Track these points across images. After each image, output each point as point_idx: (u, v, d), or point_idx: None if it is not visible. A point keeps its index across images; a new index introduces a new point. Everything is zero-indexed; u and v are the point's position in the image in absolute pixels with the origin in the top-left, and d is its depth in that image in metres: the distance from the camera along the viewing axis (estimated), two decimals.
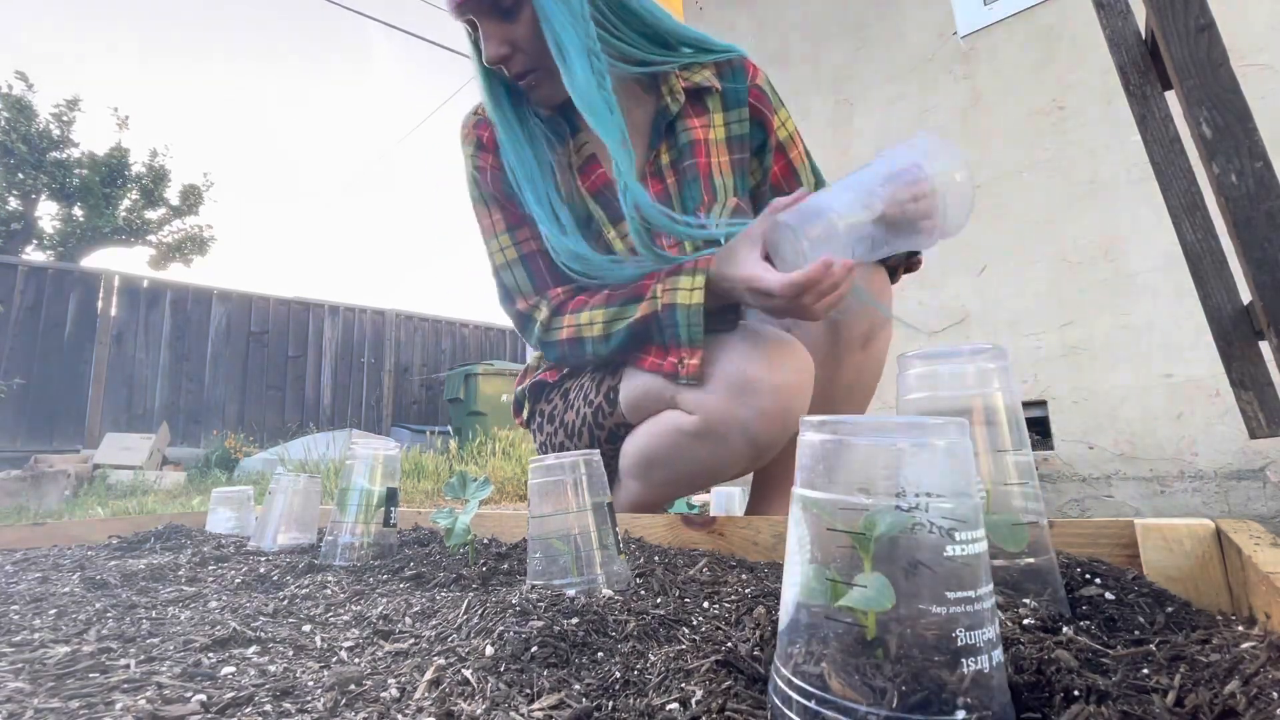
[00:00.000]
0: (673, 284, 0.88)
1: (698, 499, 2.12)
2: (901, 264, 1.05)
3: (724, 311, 0.90)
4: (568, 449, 1.16)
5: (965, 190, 0.77)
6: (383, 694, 0.42)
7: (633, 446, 1.03)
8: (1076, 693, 0.35)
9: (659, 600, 0.62)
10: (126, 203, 9.60)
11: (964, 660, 0.30)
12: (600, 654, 0.48)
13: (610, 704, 0.39)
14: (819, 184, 1.10)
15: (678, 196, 1.02)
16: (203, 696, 0.42)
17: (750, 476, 1.20)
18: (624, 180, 0.91)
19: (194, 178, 12.59)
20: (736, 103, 1.06)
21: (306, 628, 0.60)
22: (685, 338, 0.87)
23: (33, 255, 8.68)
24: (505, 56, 0.94)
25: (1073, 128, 2.03)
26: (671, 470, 1.00)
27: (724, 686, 0.39)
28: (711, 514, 1.01)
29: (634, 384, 1.00)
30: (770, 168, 1.09)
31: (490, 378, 7.03)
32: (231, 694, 0.42)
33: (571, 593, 0.63)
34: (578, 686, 0.42)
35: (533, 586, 0.65)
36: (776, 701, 0.34)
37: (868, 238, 0.77)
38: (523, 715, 0.38)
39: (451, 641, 0.52)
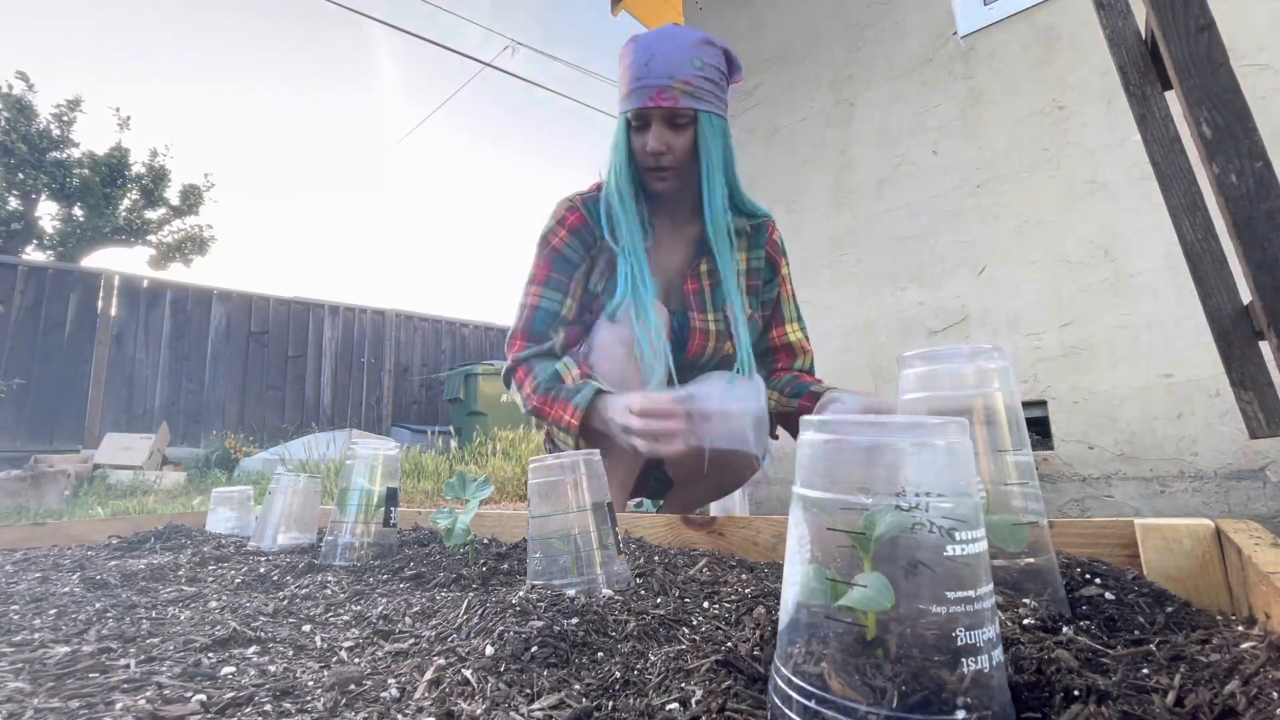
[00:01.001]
0: (560, 411, 1.21)
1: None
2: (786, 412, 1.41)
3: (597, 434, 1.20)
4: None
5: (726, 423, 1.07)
6: (383, 694, 0.42)
7: None
8: (1076, 692, 0.34)
9: (659, 600, 0.62)
10: (126, 203, 9.60)
11: (964, 660, 0.30)
12: (600, 654, 0.48)
13: (610, 704, 0.39)
14: (798, 312, 1.49)
15: (710, 295, 1.36)
16: (203, 696, 0.42)
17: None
18: (724, 274, 1.29)
19: (194, 178, 12.56)
20: (757, 246, 1.41)
21: (306, 628, 0.60)
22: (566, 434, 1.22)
23: (33, 255, 8.68)
24: (661, 153, 1.23)
25: (1073, 128, 2.03)
26: None
27: (724, 686, 0.39)
28: (711, 514, 1.02)
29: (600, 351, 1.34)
30: (772, 298, 1.44)
31: (490, 378, 7.03)
32: (231, 694, 0.42)
33: (571, 593, 0.63)
34: (578, 686, 0.42)
35: (533, 586, 0.65)
36: (776, 701, 0.34)
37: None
38: (523, 715, 0.38)
39: (451, 641, 0.52)
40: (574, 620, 0.52)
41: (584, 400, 1.17)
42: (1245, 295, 0.80)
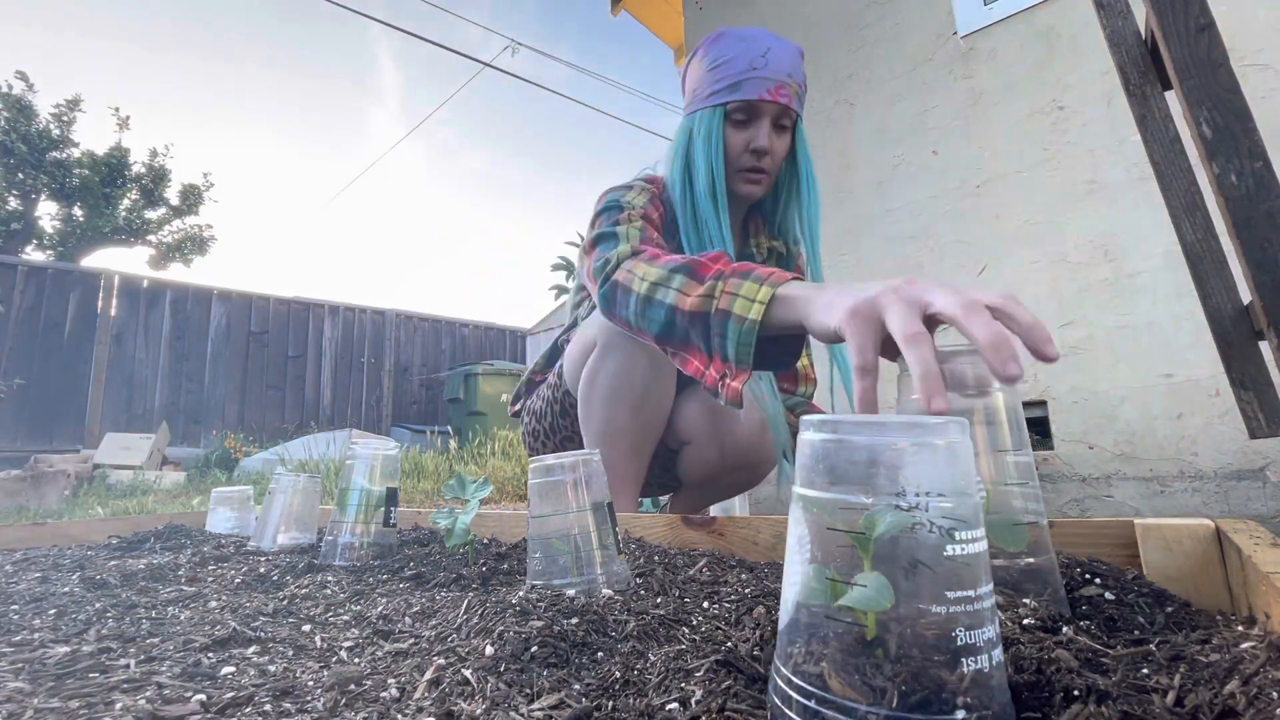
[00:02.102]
0: (735, 288, 0.74)
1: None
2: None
3: (782, 340, 0.74)
4: (538, 433, 1.34)
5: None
6: (383, 694, 0.42)
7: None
8: (1076, 692, 0.34)
9: (659, 600, 0.62)
10: (126, 203, 9.60)
11: (964, 660, 0.30)
12: (600, 654, 0.48)
13: (610, 704, 0.39)
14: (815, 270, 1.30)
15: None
16: (203, 696, 0.42)
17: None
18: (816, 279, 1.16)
19: (194, 178, 12.55)
20: (787, 270, 1.35)
21: (306, 628, 0.60)
22: (734, 355, 0.73)
23: (33, 255, 8.68)
24: (765, 152, 1.15)
25: (1073, 128, 2.03)
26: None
27: (724, 686, 0.39)
28: (711, 514, 1.02)
29: (570, 355, 1.21)
30: None
31: (490, 378, 7.03)
32: (231, 694, 0.42)
33: (571, 593, 0.63)
34: (578, 686, 0.42)
35: (533, 586, 0.65)
36: (776, 701, 0.34)
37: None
38: (523, 715, 0.38)
39: (451, 641, 0.52)
40: (574, 620, 0.52)
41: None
42: (1245, 295, 0.80)
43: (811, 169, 1.21)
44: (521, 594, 0.60)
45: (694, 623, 0.55)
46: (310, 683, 0.45)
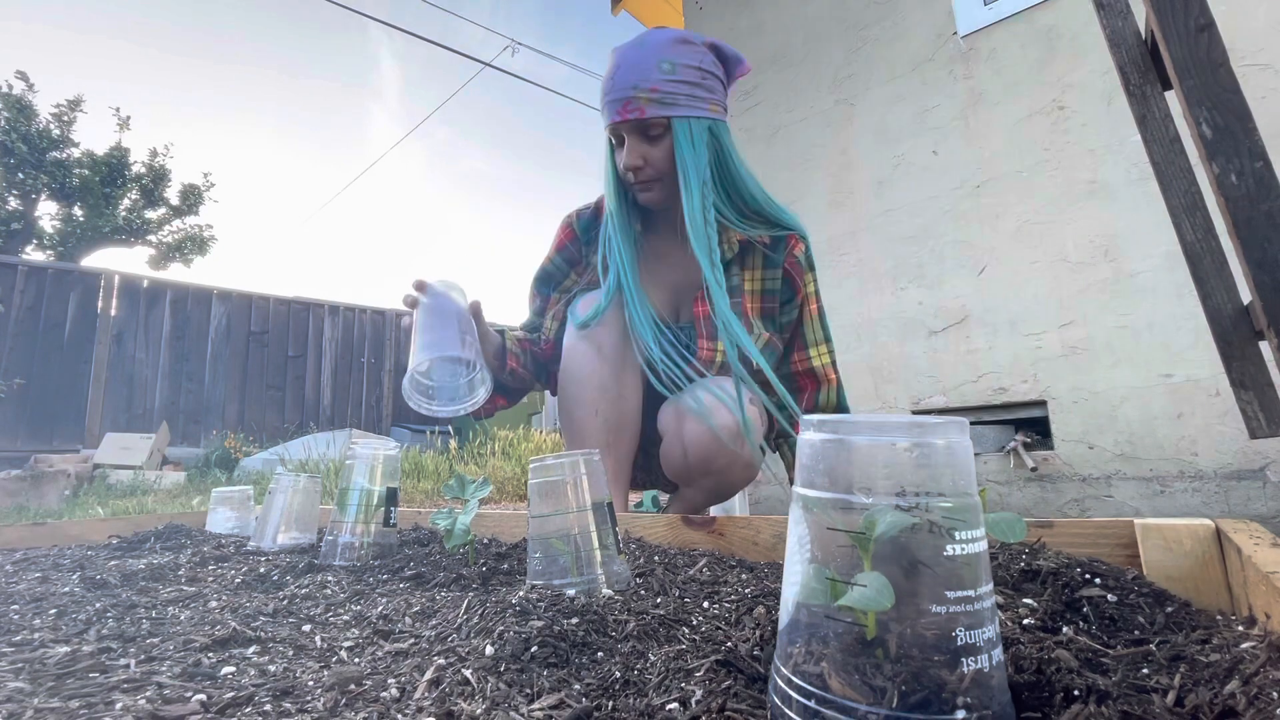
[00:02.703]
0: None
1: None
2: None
3: None
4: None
5: None
6: (383, 694, 0.42)
7: None
8: (1076, 692, 0.35)
9: (659, 600, 0.62)
10: (126, 203, 9.60)
11: (964, 659, 0.30)
12: (600, 654, 0.48)
13: (610, 704, 0.39)
14: (825, 334, 1.32)
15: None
16: (203, 696, 0.42)
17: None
18: (713, 295, 1.13)
19: (194, 178, 12.55)
20: (774, 265, 1.27)
21: (306, 628, 0.60)
22: None
23: (33, 255, 8.68)
24: (638, 168, 1.16)
25: (1073, 128, 2.03)
26: None
27: (724, 686, 0.39)
28: (711, 514, 1.02)
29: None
30: (792, 319, 1.30)
31: None
32: (231, 694, 0.42)
33: (571, 593, 0.63)
34: (578, 686, 0.42)
35: (533, 586, 0.65)
36: (776, 701, 0.34)
37: None
38: (523, 715, 0.38)
39: (451, 641, 0.52)
40: (574, 620, 0.52)
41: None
42: (1245, 295, 0.80)
43: (692, 165, 1.13)
44: (521, 594, 0.60)
45: (694, 623, 0.55)
46: (310, 683, 0.45)
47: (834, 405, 1.30)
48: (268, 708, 0.41)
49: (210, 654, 0.52)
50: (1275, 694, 0.33)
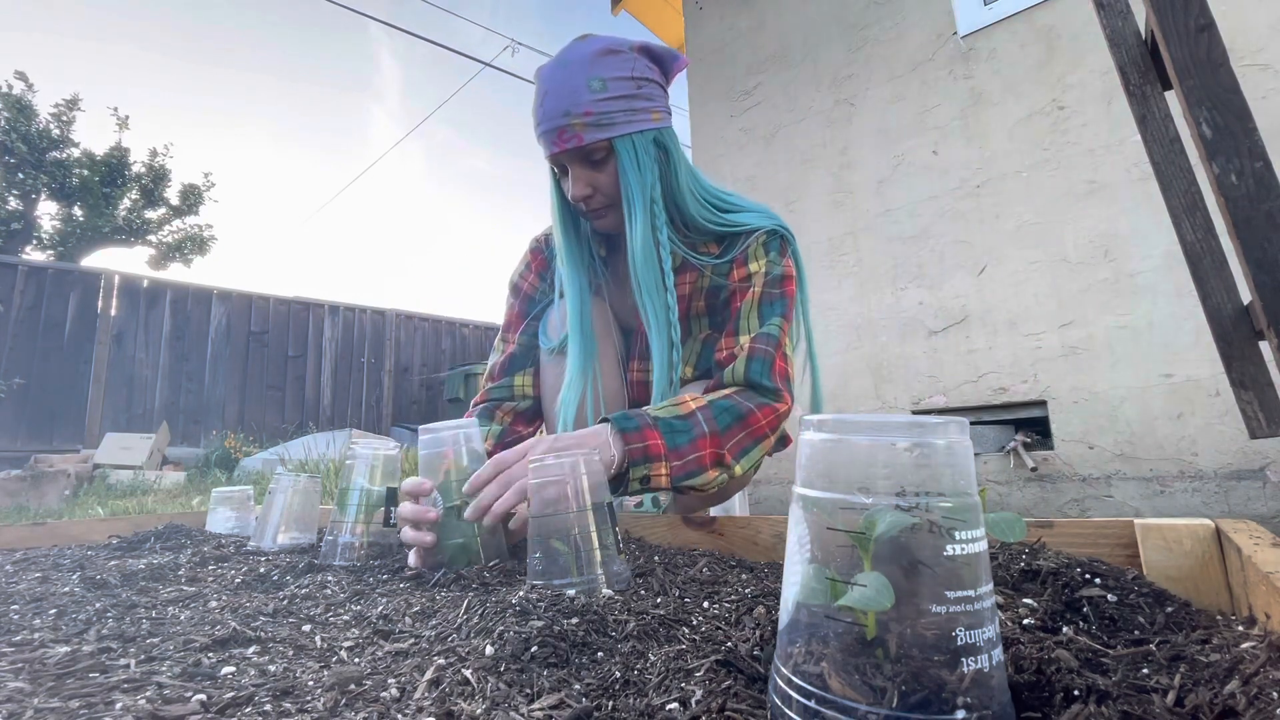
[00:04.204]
0: None
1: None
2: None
3: None
4: None
5: None
6: (383, 694, 0.42)
7: None
8: (1076, 692, 0.35)
9: (659, 600, 0.62)
10: (126, 203, 9.60)
11: (964, 659, 0.30)
12: (600, 654, 0.48)
13: (610, 704, 0.39)
14: (763, 322, 1.10)
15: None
16: (203, 696, 0.42)
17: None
18: (652, 324, 1.09)
19: (194, 178, 12.55)
20: (722, 266, 1.17)
21: (306, 627, 0.60)
22: None
23: (33, 255, 8.68)
24: (587, 196, 1.10)
25: (1073, 128, 2.03)
26: None
27: (724, 686, 0.39)
28: (711, 514, 1.02)
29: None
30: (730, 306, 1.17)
31: None
32: (231, 694, 0.42)
33: (571, 593, 0.63)
34: (578, 686, 0.42)
35: (533, 586, 0.65)
36: (776, 701, 0.34)
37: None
38: (523, 715, 0.38)
39: (451, 641, 0.52)
40: (574, 620, 0.52)
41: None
42: (1245, 295, 0.80)
43: (637, 189, 1.06)
44: (521, 594, 0.60)
45: (694, 623, 0.55)
46: (310, 683, 0.45)
47: (741, 378, 1.03)
48: (268, 708, 0.41)
49: (210, 654, 0.52)
50: (1275, 694, 0.33)
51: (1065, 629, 0.44)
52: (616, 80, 1.04)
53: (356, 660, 0.50)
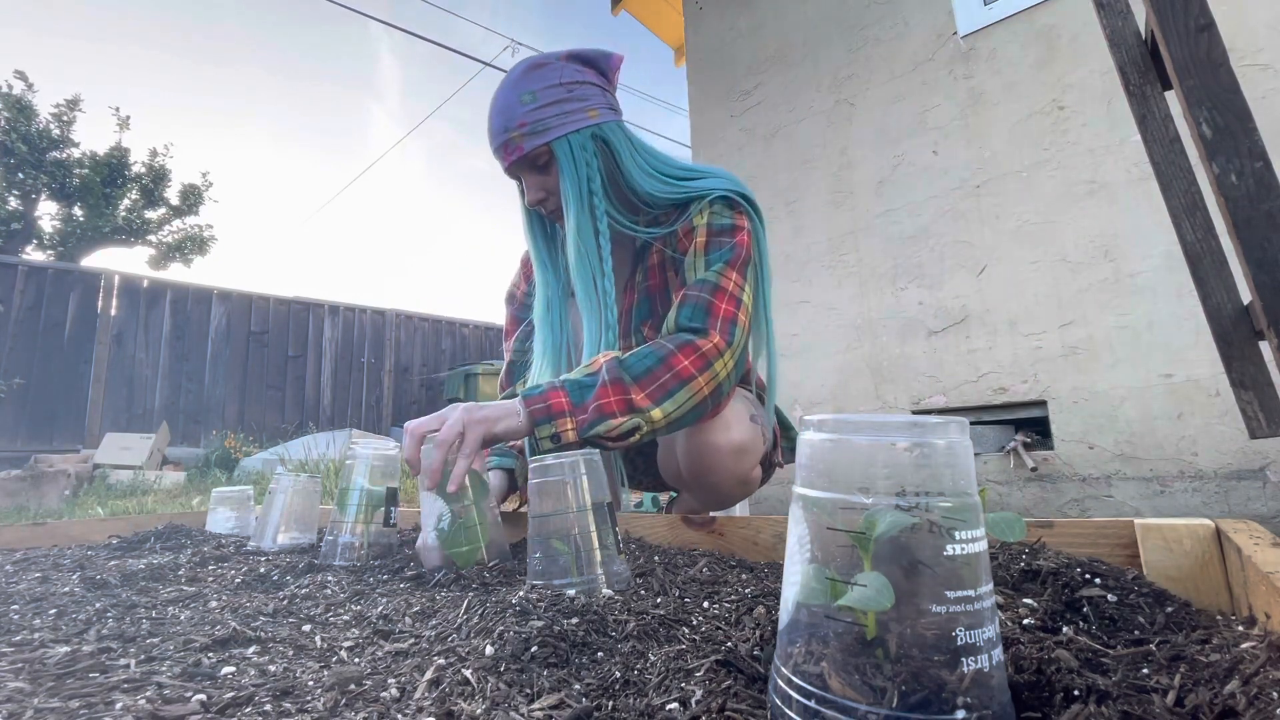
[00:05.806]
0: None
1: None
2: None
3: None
4: None
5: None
6: (383, 694, 0.42)
7: None
8: (1076, 692, 0.35)
9: (659, 600, 0.62)
10: (126, 203, 9.60)
11: (964, 659, 0.30)
12: (600, 654, 0.48)
13: (610, 704, 0.39)
14: (709, 265, 1.08)
15: (637, 308, 1.24)
16: (203, 696, 0.42)
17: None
18: (585, 308, 1.13)
19: (194, 178, 12.55)
20: (672, 236, 1.18)
21: (306, 627, 0.60)
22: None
23: (33, 255, 8.68)
24: (541, 200, 1.17)
25: (1073, 128, 2.03)
26: None
27: (724, 686, 0.39)
28: (711, 514, 1.02)
29: None
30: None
31: (490, 378, 7.03)
32: (231, 694, 0.42)
33: (571, 593, 0.63)
34: (578, 686, 0.42)
35: (533, 586, 0.65)
36: (776, 701, 0.34)
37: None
38: (523, 715, 0.38)
39: (451, 641, 0.52)
40: (574, 620, 0.52)
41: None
42: (1245, 295, 0.80)
43: (571, 186, 1.10)
44: (521, 594, 0.60)
45: (694, 623, 0.55)
46: (310, 683, 0.45)
47: (673, 325, 1.03)
48: (268, 708, 0.41)
49: (210, 654, 0.52)
50: (1275, 694, 0.33)
51: (1065, 629, 0.44)
52: (546, 89, 1.12)
53: (356, 660, 0.50)
